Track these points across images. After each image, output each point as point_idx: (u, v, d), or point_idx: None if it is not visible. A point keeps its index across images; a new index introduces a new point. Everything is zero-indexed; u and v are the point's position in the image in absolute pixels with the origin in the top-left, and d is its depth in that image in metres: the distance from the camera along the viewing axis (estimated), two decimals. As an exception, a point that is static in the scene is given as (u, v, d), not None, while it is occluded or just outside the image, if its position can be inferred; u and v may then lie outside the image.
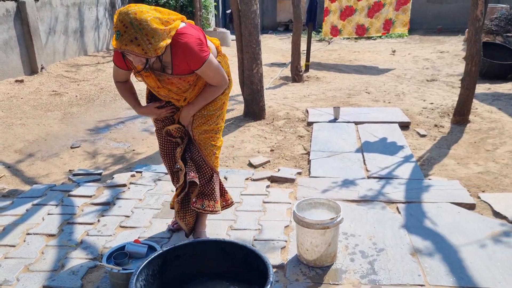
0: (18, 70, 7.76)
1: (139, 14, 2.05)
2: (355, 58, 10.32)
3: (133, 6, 2.11)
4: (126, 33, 2.04)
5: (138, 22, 2.04)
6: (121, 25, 2.04)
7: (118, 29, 2.05)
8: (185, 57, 2.25)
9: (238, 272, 2.24)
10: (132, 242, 2.50)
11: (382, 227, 2.86)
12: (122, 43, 2.05)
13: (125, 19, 2.04)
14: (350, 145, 4.36)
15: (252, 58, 5.18)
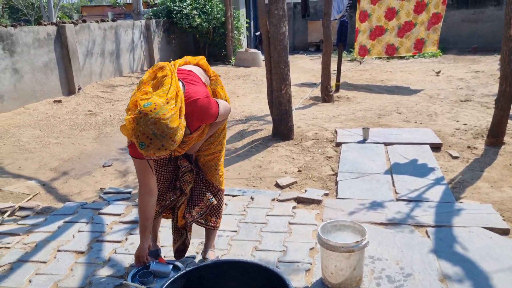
0: (56, 90, 8.09)
1: (158, 123, 1.95)
2: (386, 78, 10.23)
3: (147, 110, 1.96)
4: (152, 144, 1.98)
5: (161, 131, 1.96)
6: (144, 137, 1.96)
7: (141, 141, 1.97)
8: (198, 118, 2.29)
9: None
10: (157, 261, 2.53)
11: (410, 251, 2.79)
12: (150, 153, 2.01)
13: (146, 131, 1.95)
14: (379, 166, 4.30)
15: (280, 79, 5.22)
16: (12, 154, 5.15)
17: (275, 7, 5.05)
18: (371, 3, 9.27)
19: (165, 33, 12.50)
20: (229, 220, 3.31)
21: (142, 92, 2.11)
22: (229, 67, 12.28)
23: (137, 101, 2.05)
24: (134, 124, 1.97)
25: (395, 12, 9.01)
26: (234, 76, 10.75)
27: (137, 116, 1.97)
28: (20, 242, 3.06)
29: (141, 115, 1.96)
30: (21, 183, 4.26)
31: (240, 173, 4.33)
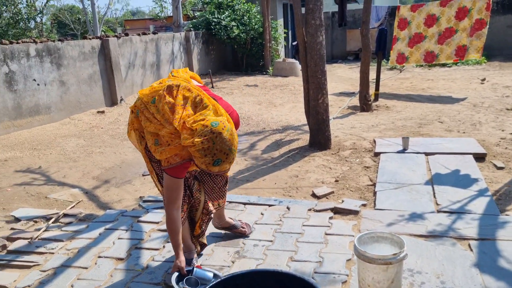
0: (100, 101, 8.39)
1: (231, 138, 2.18)
2: (428, 87, 9.98)
3: (220, 129, 2.14)
4: (227, 159, 2.19)
5: (234, 146, 2.20)
6: (222, 154, 2.16)
7: (218, 158, 2.15)
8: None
9: (296, 305, 2.21)
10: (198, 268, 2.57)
11: (451, 265, 2.69)
12: (223, 167, 2.22)
13: (223, 148, 2.15)
14: (419, 177, 4.19)
15: (317, 88, 5.20)
16: (58, 163, 5.37)
17: (311, 16, 5.05)
18: (410, 10, 9.12)
19: (204, 44, 12.74)
20: (265, 229, 3.30)
21: (184, 115, 2.23)
22: (267, 77, 12.35)
23: (197, 123, 2.16)
24: (210, 144, 2.12)
25: (435, 19, 8.81)
26: (271, 86, 10.80)
27: (211, 136, 2.12)
28: (63, 248, 3.18)
29: (215, 135, 2.12)
30: (66, 191, 4.43)
31: (277, 183, 4.32)
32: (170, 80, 2.40)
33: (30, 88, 6.99)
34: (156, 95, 2.32)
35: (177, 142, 2.26)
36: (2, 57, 6.52)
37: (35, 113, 7.09)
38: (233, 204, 3.82)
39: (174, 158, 2.32)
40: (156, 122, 2.28)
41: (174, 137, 2.26)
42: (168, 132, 2.25)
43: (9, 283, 2.74)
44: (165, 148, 2.26)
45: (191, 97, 2.27)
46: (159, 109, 2.27)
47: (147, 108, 2.34)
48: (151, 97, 2.33)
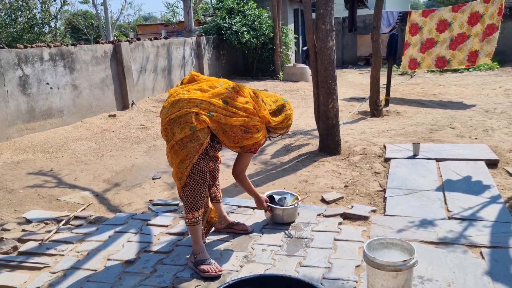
0: (111, 105, 8.46)
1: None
2: (439, 92, 9.91)
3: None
4: (290, 119, 3.11)
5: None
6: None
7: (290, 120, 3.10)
8: None
9: (304, 310, 2.19)
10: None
11: (462, 272, 2.65)
12: (288, 128, 3.14)
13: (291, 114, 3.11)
14: (430, 183, 4.15)
15: (327, 93, 5.19)
16: (69, 165, 5.42)
17: (322, 22, 5.05)
18: (422, 16, 9.08)
19: (215, 49, 12.80)
20: (274, 234, 3.30)
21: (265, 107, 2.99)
22: (277, 82, 12.36)
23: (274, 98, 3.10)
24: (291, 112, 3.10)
25: (447, 24, 8.75)
26: (282, 90, 10.80)
27: (289, 104, 3.12)
28: (73, 250, 3.20)
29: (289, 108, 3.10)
30: (76, 193, 4.47)
31: (286, 187, 4.31)
32: (222, 83, 2.98)
33: (43, 91, 7.07)
34: (223, 96, 2.86)
35: (264, 128, 2.96)
36: (17, 61, 6.62)
37: (48, 117, 7.17)
38: (242, 209, 3.82)
39: (263, 139, 2.97)
40: (240, 117, 2.83)
41: (261, 124, 2.92)
42: (257, 122, 2.88)
43: (20, 284, 2.76)
44: (258, 135, 2.91)
45: (249, 92, 2.99)
46: (239, 107, 2.85)
47: (218, 109, 2.81)
48: (219, 99, 2.84)
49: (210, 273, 2.74)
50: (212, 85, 2.92)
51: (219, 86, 2.91)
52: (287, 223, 3.45)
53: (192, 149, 2.79)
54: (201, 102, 2.79)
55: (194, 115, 2.77)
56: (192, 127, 2.77)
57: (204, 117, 2.77)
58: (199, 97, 2.80)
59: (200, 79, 3.01)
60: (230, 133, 2.87)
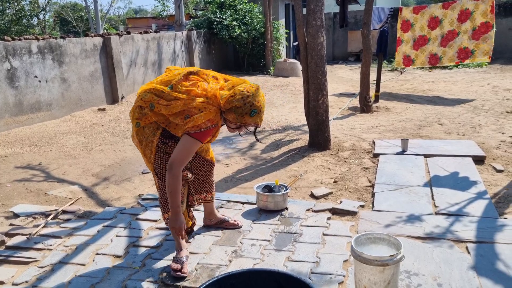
0: (101, 99, 8.40)
1: (263, 98, 2.66)
2: (428, 88, 9.99)
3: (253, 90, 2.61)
4: (261, 111, 2.60)
5: (264, 102, 2.67)
6: (256, 106, 2.56)
7: (254, 108, 2.56)
8: None
9: (292, 305, 2.21)
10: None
11: (448, 267, 2.69)
12: (255, 120, 2.59)
13: (260, 101, 2.59)
14: (418, 178, 4.19)
15: (317, 89, 5.21)
16: (57, 159, 5.38)
17: (312, 17, 5.05)
18: (413, 13, 9.12)
19: (205, 43, 12.74)
20: (263, 229, 3.31)
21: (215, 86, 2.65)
22: (268, 77, 12.36)
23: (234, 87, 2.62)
24: (250, 93, 2.55)
25: (438, 21, 8.81)
26: (272, 86, 10.81)
27: (250, 89, 2.59)
28: (61, 245, 3.18)
29: (255, 90, 2.60)
30: (65, 188, 4.44)
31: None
32: (178, 70, 2.77)
33: (31, 84, 7.00)
34: (171, 82, 2.62)
35: (210, 108, 2.54)
36: (4, 54, 6.53)
37: (36, 110, 7.10)
38: (232, 203, 3.83)
39: (206, 123, 2.54)
40: (181, 100, 2.54)
41: (207, 104, 2.54)
42: (199, 102, 2.52)
43: (7, 279, 2.75)
44: (198, 116, 2.50)
45: (209, 75, 2.70)
46: (182, 91, 2.56)
47: (163, 96, 2.58)
48: (165, 85, 2.62)
49: (175, 274, 2.69)
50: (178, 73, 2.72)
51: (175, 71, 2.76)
52: (277, 210, 3.59)
53: (146, 147, 2.73)
54: (146, 93, 2.63)
55: (138, 109, 2.69)
56: (138, 123, 2.70)
57: (146, 110, 2.65)
58: (148, 87, 2.67)
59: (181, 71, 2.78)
60: (173, 123, 2.62)
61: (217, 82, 2.68)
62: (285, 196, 3.61)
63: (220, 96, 2.58)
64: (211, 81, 2.67)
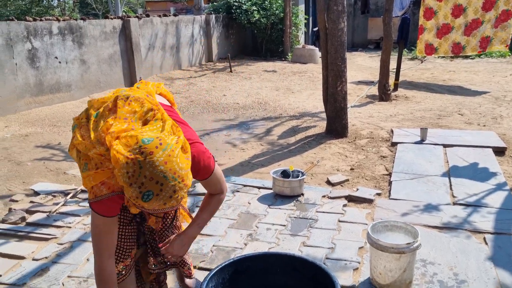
0: (119, 82, 8.45)
1: (169, 161, 1.50)
2: (449, 78, 9.81)
3: (153, 148, 1.48)
4: (162, 191, 1.49)
5: (173, 172, 1.50)
6: (153, 183, 1.48)
7: (148, 189, 1.48)
8: (194, 167, 1.75)
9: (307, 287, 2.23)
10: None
11: (465, 257, 2.67)
12: (158, 204, 1.53)
13: (156, 174, 1.47)
14: (436, 168, 4.14)
15: (336, 76, 5.15)
16: (76, 140, 5.44)
17: (334, 2, 4.98)
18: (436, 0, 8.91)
19: (224, 28, 12.68)
20: (278, 214, 3.32)
21: (121, 129, 1.58)
22: (286, 63, 12.27)
23: (125, 134, 1.54)
24: (136, 168, 1.47)
25: (462, 9, 8.59)
26: (290, 72, 10.74)
27: (138, 158, 1.47)
28: (80, 223, 3.24)
29: (144, 155, 1.47)
30: (84, 168, 4.50)
31: (292, 169, 4.32)
32: (124, 90, 1.79)
33: (51, 65, 7.07)
34: (102, 106, 1.71)
35: (107, 166, 1.63)
36: (26, 34, 6.60)
37: (56, 91, 7.18)
38: (248, 188, 3.84)
39: (101, 188, 1.67)
40: (87, 140, 1.66)
41: (104, 160, 1.63)
42: (97, 153, 1.62)
43: (27, 254, 2.82)
44: (91, 173, 1.65)
45: (141, 111, 1.65)
46: (98, 125, 1.65)
47: (88, 123, 1.73)
48: (97, 109, 1.72)
49: None
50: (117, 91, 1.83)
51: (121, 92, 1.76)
52: (293, 195, 3.59)
53: None
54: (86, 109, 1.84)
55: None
56: None
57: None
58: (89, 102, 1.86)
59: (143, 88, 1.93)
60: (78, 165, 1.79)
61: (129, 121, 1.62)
62: (301, 182, 3.61)
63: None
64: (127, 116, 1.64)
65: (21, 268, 2.67)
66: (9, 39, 6.34)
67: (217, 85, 9.01)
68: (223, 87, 8.87)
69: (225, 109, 7.12)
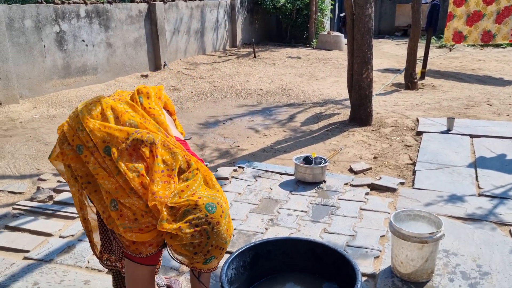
0: (144, 65, 8.53)
1: (230, 228, 1.58)
2: (478, 67, 9.55)
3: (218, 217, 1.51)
4: (221, 254, 1.58)
5: (230, 235, 1.59)
6: (217, 250, 1.54)
7: (212, 255, 1.53)
8: None
9: (327, 274, 2.23)
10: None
11: (489, 249, 2.63)
12: (215, 265, 1.61)
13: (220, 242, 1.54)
14: (462, 159, 4.06)
15: (362, 63, 5.08)
16: (102, 122, 5.53)
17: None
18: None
19: (248, 13, 12.60)
20: (300, 200, 3.32)
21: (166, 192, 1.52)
22: (310, 49, 12.14)
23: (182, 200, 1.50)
24: (204, 239, 1.48)
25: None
26: (314, 58, 10.63)
27: (206, 228, 1.47)
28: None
29: (211, 226, 1.48)
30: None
31: (314, 155, 4.31)
32: (132, 112, 1.70)
33: (79, 48, 7.17)
34: (112, 143, 1.59)
35: (150, 222, 1.54)
36: (54, 17, 6.70)
37: (83, 73, 7.29)
38: (269, 173, 3.85)
39: (148, 248, 1.60)
40: (115, 182, 1.56)
41: (146, 215, 1.54)
42: (137, 207, 1.54)
43: (55, 231, 2.90)
44: (132, 228, 1.54)
45: (177, 162, 1.59)
46: (120, 170, 1.54)
47: (98, 151, 1.60)
48: (102, 139, 1.60)
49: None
50: (123, 97, 1.86)
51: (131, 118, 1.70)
52: (315, 182, 3.58)
53: None
54: (78, 121, 1.71)
55: (60, 134, 1.81)
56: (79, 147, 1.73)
57: (62, 143, 1.73)
58: (85, 119, 1.70)
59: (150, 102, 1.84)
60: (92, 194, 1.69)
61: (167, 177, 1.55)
62: (323, 169, 3.60)
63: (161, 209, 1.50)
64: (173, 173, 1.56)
65: (48, 244, 2.75)
66: (38, 22, 6.44)
67: (240, 71, 9.00)
68: (247, 72, 8.85)
69: (248, 94, 7.11)
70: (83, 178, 1.66)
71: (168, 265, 2.52)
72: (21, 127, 5.14)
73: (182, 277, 2.45)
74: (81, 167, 1.66)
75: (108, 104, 1.72)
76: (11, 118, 5.45)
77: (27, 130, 5.02)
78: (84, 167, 1.65)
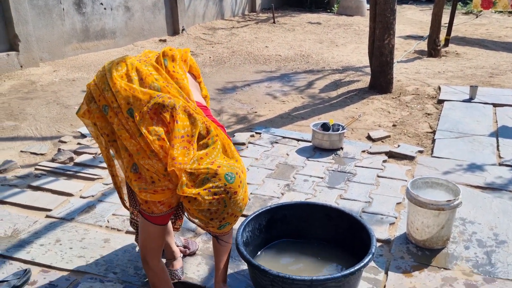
0: (162, 30, 8.46)
1: (246, 197, 1.63)
2: (505, 35, 9.21)
3: (236, 187, 1.54)
4: (236, 220, 1.65)
5: (245, 204, 1.63)
6: (232, 217, 1.60)
7: (227, 221, 1.59)
8: None
9: (341, 239, 2.25)
10: None
11: (507, 218, 2.60)
12: (229, 228, 1.69)
13: (236, 210, 1.59)
14: (483, 128, 3.98)
15: (384, 28, 4.94)
16: (120, 86, 5.56)
17: None
18: None
19: (268, -23, 12.29)
20: (316, 166, 3.32)
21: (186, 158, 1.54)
22: (331, 15, 11.86)
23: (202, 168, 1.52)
24: (221, 207, 1.52)
25: (527, -41, 7.93)
26: (335, 24, 10.39)
27: (224, 197, 1.51)
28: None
29: (229, 195, 1.52)
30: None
31: (332, 122, 4.27)
32: (156, 75, 1.73)
33: (97, 11, 7.13)
34: (135, 105, 1.62)
35: (166, 185, 1.61)
36: (72, -21, 6.65)
37: (101, 37, 7.28)
38: (287, 140, 3.85)
39: (159, 207, 1.69)
40: (136, 144, 1.61)
41: (164, 178, 1.60)
42: (157, 169, 1.59)
43: (75, 192, 2.97)
44: (147, 189, 1.61)
45: (197, 128, 1.60)
46: (142, 132, 1.58)
47: (122, 112, 1.65)
48: (126, 100, 1.63)
49: None
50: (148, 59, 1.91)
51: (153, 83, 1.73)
52: (332, 149, 3.57)
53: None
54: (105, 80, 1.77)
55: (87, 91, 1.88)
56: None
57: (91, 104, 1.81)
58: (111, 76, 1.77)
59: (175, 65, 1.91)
60: (119, 154, 1.78)
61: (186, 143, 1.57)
62: (341, 135, 3.57)
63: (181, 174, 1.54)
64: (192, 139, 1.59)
65: (69, 204, 2.83)
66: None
67: (259, 36, 8.87)
68: (266, 38, 8.72)
69: (267, 60, 7.03)
70: (109, 136, 1.74)
71: (185, 227, 2.57)
72: (41, 90, 5.20)
73: (198, 238, 2.50)
74: (106, 126, 1.73)
75: (134, 65, 1.75)
76: (31, 81, 5.51)
77: (48, 93, 5.08)
78: (109, 126, 1.72)
